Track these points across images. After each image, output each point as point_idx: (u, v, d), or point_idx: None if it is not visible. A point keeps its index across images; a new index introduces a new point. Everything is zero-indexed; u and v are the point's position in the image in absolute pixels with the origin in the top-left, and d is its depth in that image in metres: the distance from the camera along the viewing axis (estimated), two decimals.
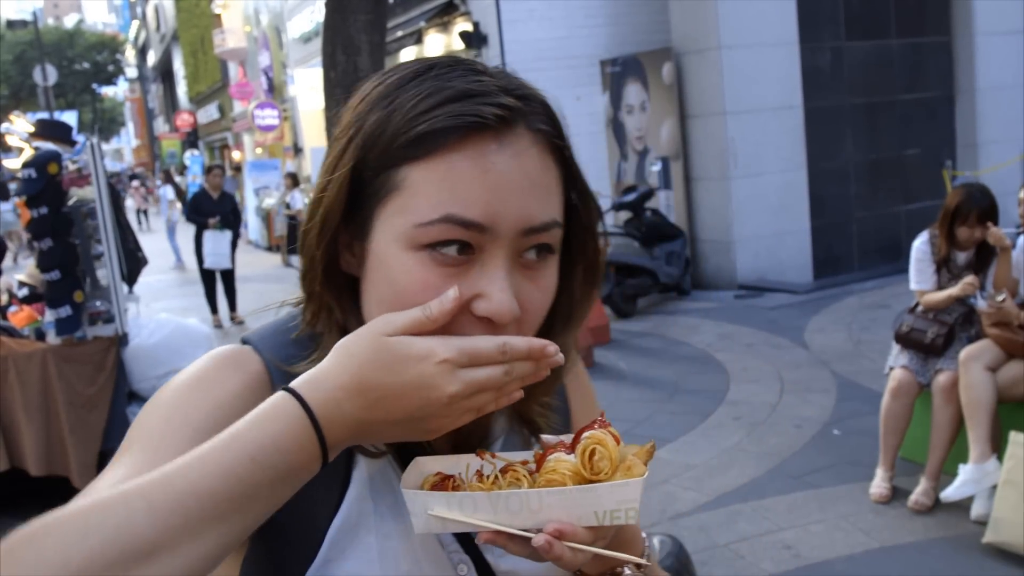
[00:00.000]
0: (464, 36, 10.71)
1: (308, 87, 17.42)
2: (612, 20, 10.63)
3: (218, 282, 9.47)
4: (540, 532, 0.65)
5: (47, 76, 22.50)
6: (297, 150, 19.59)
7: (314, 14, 16.32)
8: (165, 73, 43.65)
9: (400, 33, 12.15)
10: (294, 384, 0.65)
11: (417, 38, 12.37)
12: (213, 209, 9.18)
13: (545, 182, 0.71)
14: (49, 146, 4.89)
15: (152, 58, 47.11)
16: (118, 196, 5.55)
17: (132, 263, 5.42)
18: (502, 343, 0.64)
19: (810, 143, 9.11)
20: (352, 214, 0.72)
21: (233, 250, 9.41)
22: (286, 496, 0.63)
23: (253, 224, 17.55)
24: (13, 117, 5.70)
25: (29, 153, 4.93)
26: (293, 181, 14.90)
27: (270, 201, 16.68)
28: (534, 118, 0.71)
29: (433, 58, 0.73)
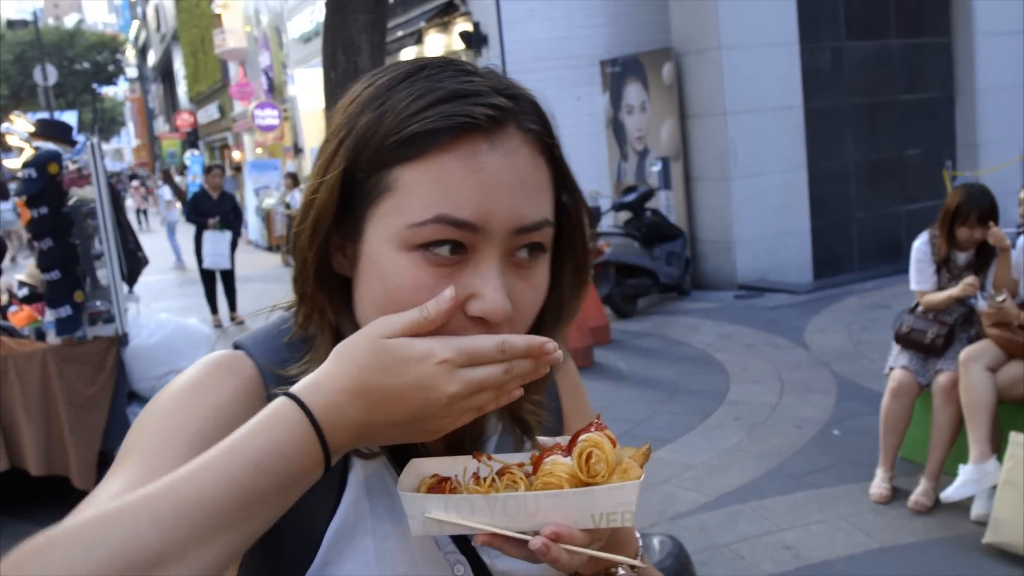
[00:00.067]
0: (464, 36, 10.70)
1: (308, 87, 17.43)
2: (612, 20, 10.63)
3: (218, 282, 9.48)
4: (537, 535, 0.65)
5: (47, 76, 22.51)
6: (297, 150, 19.60)
7: (314, 14, 16.32)
8: (165, 73, 43.67)
9: (400, 33, 12.15)
10: (295, 389, 0.65)
11: (417, 38, 12.37)
12: (213, 209, 9.17)
13: (536, 181, 0.72)
14: (49, 146, 4.89)
15: (152, 58, 47.12)
16: (118, 196, 5.55)
17: (132, 263, 5.42)
18: (501, 342, 0.64)
19: (810, 143, 9.11)
20: (344, 215, 0.72)
21: (233, 250, 9.40)
22: (290, 502, 0.64)
23: (253, 224, 17.56)
24: (13, 117, 5.70)
25: (29, 153, 4.93)
26: (293, 181, 14.93)
27: (270, 201, 16.71)
28: (524, 118, 0.71)
29: (423, 59, 0.74)
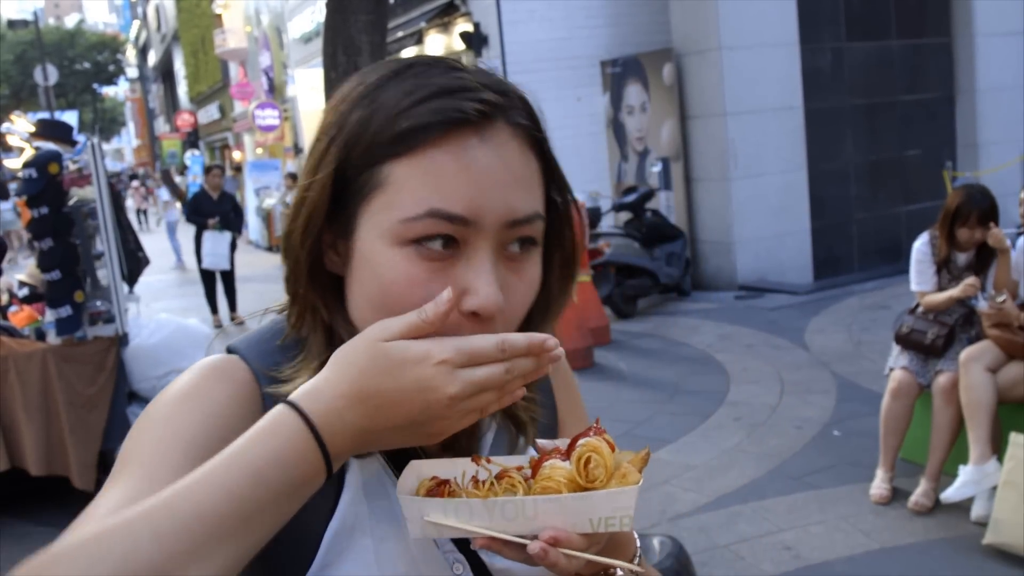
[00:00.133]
0: (465, 37, 10.70)
1: (309, 87, 17.42)
2: (613, 21, 10.63)
3: (218, 282, 9.48)
4: (535, 539, 0.65)
5: (48, 76, 22.53)
6: (297, 150, 19.60)
7: (315, 14, 16.32)
8: (166, 73, 43.67)
9: (401, 34, 12.14)
10: (293, 396, 0.64)
11: (418, 39, 12.37)
12: (213, 209, 9.17)
13: (526, 175, 0.72)
14: (50, 146, 4.89)
15: (153, 58, 47.13)
16: (119, 196, 5.55)
17: (133, 263, 5.42)
18: (500, 340, 0.64)
19: (810, 144, 9.11)
20: (336, 213, 0.73)
21: (232, 251, 9.40)
22: (292, 511, 0.63)
23: (253, 224, 17.57)
24: (14, 117, 5.69)
25: (30, 153, 4.92)
26: (294, 181, 14.93)
27: (270, 201, 16.71)
28: (513, 112, 0.72)
29: (412, 57, 0.74)
